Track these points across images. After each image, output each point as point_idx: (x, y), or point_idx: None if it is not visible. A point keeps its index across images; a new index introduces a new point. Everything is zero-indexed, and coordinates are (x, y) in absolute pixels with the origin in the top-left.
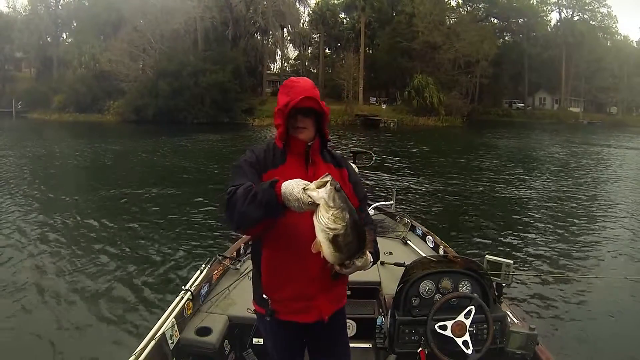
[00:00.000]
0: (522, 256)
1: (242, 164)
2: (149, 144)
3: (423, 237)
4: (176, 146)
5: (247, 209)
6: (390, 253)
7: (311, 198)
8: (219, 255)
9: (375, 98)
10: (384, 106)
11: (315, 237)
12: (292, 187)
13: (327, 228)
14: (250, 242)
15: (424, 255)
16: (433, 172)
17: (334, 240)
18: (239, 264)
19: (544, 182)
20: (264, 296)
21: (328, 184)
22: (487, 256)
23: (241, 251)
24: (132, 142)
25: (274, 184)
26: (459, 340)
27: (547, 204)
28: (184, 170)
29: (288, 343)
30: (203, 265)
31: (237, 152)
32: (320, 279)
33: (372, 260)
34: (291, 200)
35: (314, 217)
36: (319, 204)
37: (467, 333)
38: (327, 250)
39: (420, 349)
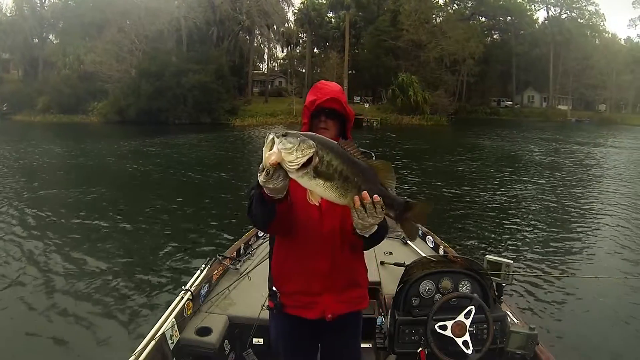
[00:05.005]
0: (522, 256)
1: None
2: (133, 145)
3: (423, 237)
4: (165, 148)
5: (255, 209)
6: (390, 253)
7: (272, 162)
8: (219, 255)
9: (359, 97)
10: (367, 105)
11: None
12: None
13: (301, 166)
14: (250, 242)
15: (424, 255)
16: (423, 170)
17: (317, 173)
18: (239, 264)
19: (540, 181)
20: (274, 288)
21: (273, 137)
22: (487, 256)
23: (241, 251)
24: (120, 143)
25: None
26: (459, 340)
27: (546, 204)
28: (173, 172)
29: (296, 341)
30: (203, 265)
31: (221, 152)
32: (329, 277)
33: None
34: (267, 182)
35: (292, 177)
36: (285, 165)
37: (467, 333)
38: (321, 190)
39: (420, 349)
